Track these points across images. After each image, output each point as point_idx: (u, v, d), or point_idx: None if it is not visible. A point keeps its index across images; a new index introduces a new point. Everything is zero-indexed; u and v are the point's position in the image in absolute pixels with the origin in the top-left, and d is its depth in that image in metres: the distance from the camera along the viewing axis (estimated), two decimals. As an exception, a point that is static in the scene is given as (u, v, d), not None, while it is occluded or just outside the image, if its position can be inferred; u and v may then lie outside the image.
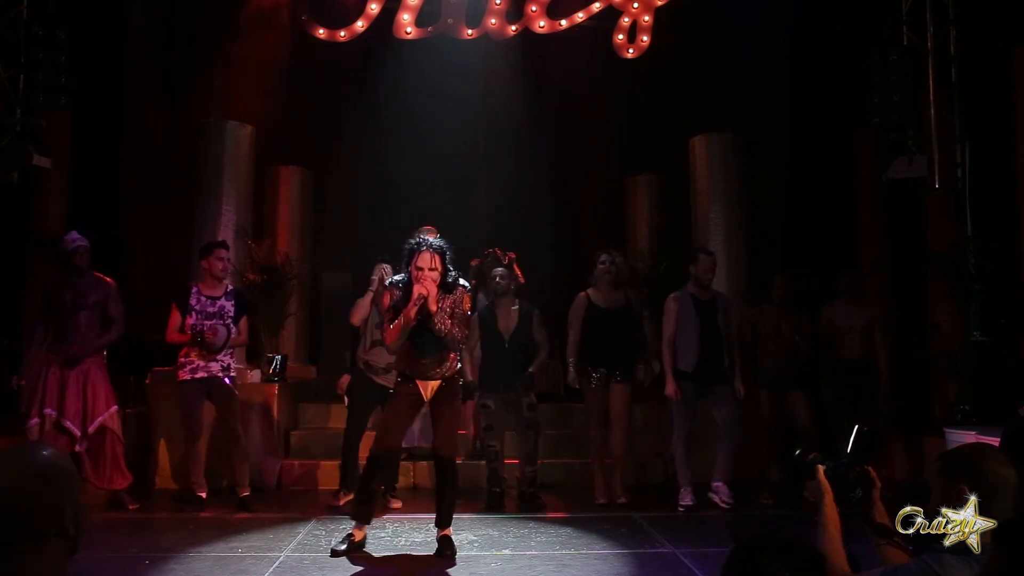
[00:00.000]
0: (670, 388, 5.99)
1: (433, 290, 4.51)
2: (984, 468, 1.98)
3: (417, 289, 4.47)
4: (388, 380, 5.75)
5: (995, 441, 4.17)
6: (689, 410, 6.02)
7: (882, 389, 6.34)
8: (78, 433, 5.63)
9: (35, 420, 5.61)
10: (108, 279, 5.88)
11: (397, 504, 5.95)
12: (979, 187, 7.01)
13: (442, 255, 4.59)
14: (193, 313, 5.81)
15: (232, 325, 5.90)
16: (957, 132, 7.00)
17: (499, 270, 6.22)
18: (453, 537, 4.72)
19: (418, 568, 4.52)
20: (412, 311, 4.46)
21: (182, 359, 5.83)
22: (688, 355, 5.97)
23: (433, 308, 4.51)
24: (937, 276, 6.92)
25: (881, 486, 2.25)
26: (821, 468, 2.26)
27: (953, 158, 6.98)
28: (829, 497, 2.22)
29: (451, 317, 4.58)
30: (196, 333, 5.74)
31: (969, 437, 5.40)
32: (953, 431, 5.93)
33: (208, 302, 5.86)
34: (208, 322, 5.81)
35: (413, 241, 4.64)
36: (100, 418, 5.69)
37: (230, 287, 6.05)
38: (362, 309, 5.87)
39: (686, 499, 5.92)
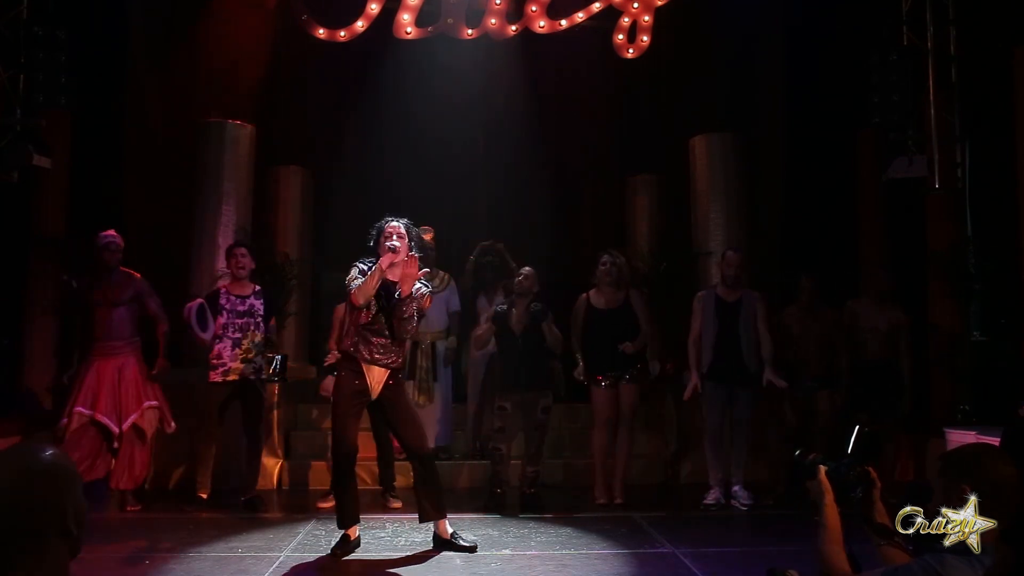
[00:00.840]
0: (688, 390, 6.05)
1: (404, 248, 4.60)
2: (985, 467, 1.98)
3: (388, 244, 4.58)
4: None
5: (995, 441, 4.18)
6: (714, 409, 6.06)
7: (906, 393, 6.38)
8: (116, 429, 5.67)
9: (64, 419, 5.67)
10: (136, 274, 5.92)
11: (397, 504, 5.96)
12: (979, 187, 7.00)
13: (408, 231, 4.72)
14: (224, 312, 5.86)
15: (262, 324, 5.97)
16: (957, 132, 7.00)
17: (526, 269, 6.10)
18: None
19: (418, 568, 4.52)
20: (385, 262, 4.53)
21: (214, 361, 5.85)
22: (705, 356, 6.04)
23: (406, 281, 4.54)
24: (937, 276, 6.92)
25: (881, 486, 2.25)
26: (822, 468, 2.26)
27: (953, 158, 6.98)
28: (830, 497, 2.22)
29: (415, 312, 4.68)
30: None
31: (969, 437, 5.41)
32: (953, 431, 5.93)
33: (238, 301, 5.92)
34: (239, 320, 5.87)
35: (380, 222, 4.77)
36: (132, 416, 5.74)
37: (257, 287, 6.09)
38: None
39: (709, 498, 5.97)
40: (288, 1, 7.96)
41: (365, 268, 4.65)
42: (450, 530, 4.76)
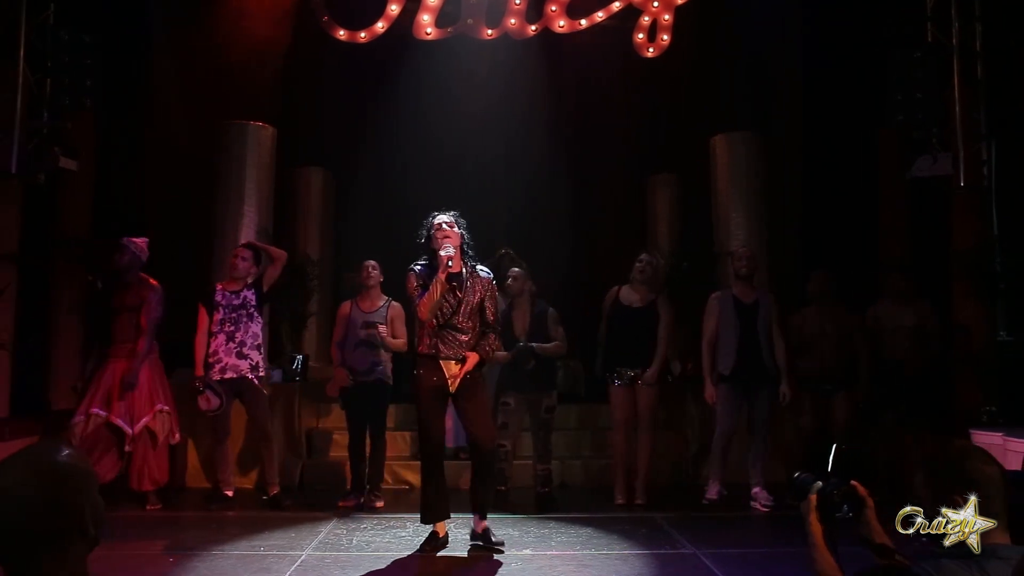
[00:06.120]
0: (709, 392, 5.99)
1: (456, 250, 4.67)
2: (967, 468, 1.97)
3: (441, 245, 4.65)
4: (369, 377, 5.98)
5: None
6: (730, 409, 6.03)
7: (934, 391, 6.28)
8: (130, 431, 5.73)
9: (79, 418, 5.73)
10: (152, 281, 5.98)
11: (380, 504, 5.95)
12: (1005, 185, 6.90)
13: (456, 222, 4.80)
14: (220, 309, 5.96)
15: (256, 314, 6.00)
16: (983, 129, 6.91)
17: (514, 271, 6.16)
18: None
19: (439, 568, 4.53)
20: (443, 275, 4.60)
21: (211, 359, 5.92)
22: (727, 357, 5.99)
23: (456, 268, 4.66)
24: (962, 275, 6.82)
25: (873, 504, 2.16)
26: (816, 485, 2.19)
27: (979, 156, 6.89)
28: (813, 516, 2.17)
29: (483, 299, 4.75)
30: (198, 385, 5.88)
31: (995, 438, 5.35)
32: (979, 432, 5.86)
33: (232, 296, 5.99)
34: (233, 314, 5.87)
35: (429, 219, 4.86)
36: (144, 419, 5.81)
37: (250, 279, 6.12)
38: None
39: (712, 492, 5.96)
40: (309, 3, 8.01)
41: (419, 270, 4.74)
42: (485, 524, 4.81)
